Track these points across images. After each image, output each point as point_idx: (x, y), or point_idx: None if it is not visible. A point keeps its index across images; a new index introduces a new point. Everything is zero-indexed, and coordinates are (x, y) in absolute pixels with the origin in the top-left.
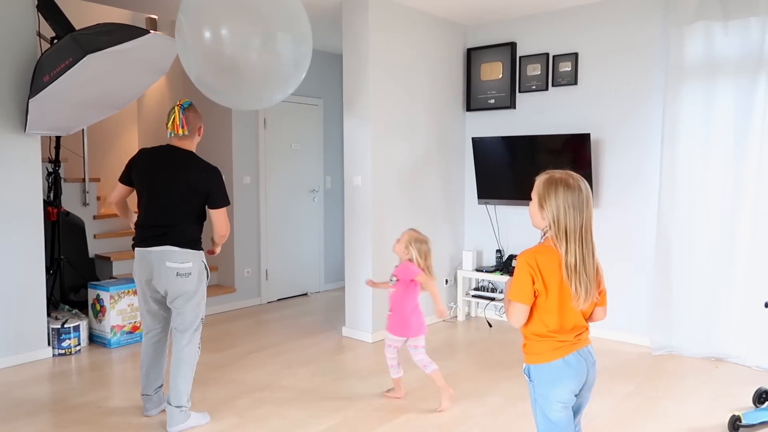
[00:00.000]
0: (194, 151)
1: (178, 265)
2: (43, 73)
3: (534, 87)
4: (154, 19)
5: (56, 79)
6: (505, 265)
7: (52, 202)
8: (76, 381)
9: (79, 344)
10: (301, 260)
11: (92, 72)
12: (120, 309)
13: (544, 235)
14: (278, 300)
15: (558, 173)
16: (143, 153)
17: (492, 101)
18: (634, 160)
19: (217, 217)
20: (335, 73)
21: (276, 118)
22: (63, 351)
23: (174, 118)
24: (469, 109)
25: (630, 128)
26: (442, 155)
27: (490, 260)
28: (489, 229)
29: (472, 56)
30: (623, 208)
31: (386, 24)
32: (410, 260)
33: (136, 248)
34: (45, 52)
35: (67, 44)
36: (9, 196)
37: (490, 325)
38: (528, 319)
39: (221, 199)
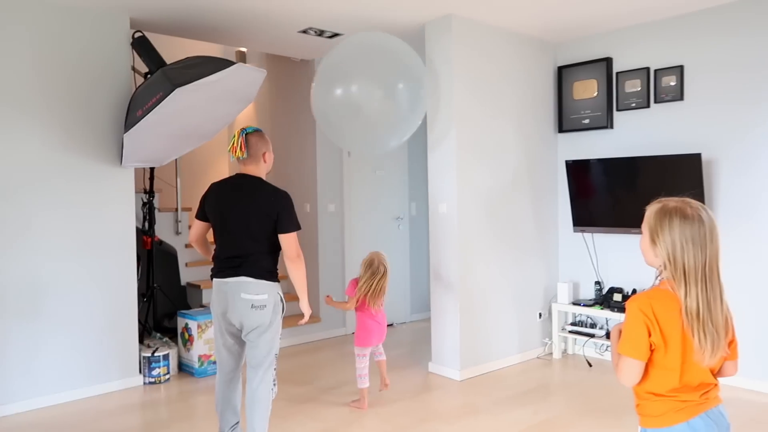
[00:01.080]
0: (263, 177)
1: (253, 297)
2: (136, 108)
3: (633, 104)
4: (243, 52)
5: (148, 113)
6: (605, 299)
7: (146, 231)
8: (163, 411)
9: (168, 373)
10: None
11: (181, 104)
12: (207, 338)
13: (659, 275)
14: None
15: (673, 201)
16: (213, 186)
17: (586, 121)
18: (754, 182)
19: (286, 242)
20: None
21: None
22: (153, 379)
23: (233, 142)
24: (561, 130)
25: (748, 146)
26: (532, 180)
27: (588, 293)
28: (586, 259)
29: (564, 74)
30: (744, 238)
31: (470, 45)
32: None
33: (213, 279)
34: (138, 87)
35: (157, 79)
36: (104, 226)
37: (590, 365)
38: (642, 377)
39: (290, 224)
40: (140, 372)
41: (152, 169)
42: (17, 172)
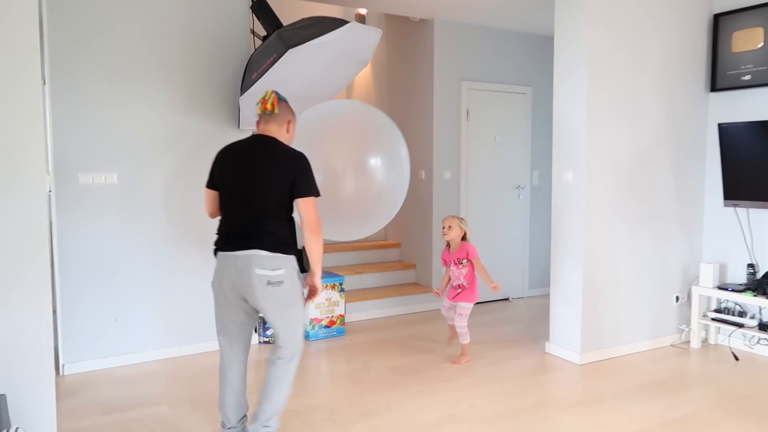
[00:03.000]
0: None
1: (268, 273)
2: (252, 71)
3: None
4: (363, 15)
5: (263, 75)
6: (760, 284)
7: None
8: None
9: None
10: (504, 262)
11: (295, 66)
12: (318, 302)
13: None
14: (477, 304)
15: None
16: (223, 150)
17: (747, 78)
18: None
19: (303, 207)
20: (546, 58)
21: (480, 109)
22: (267, 339)
23: (265, 97)
24: (714, 88)
25: None
26: (675, 146)
27: (738, 276)
28: (737, 237)
29: (721, 23)
30: None
31: None
32: (465, 240)
33: (218, 252)
34: (255, 50)
35: (272, 41)
36: None
37: (737, 358)
38: None
39: (307, 188)
40: (255, 331)
41: None
42: (146, 137)
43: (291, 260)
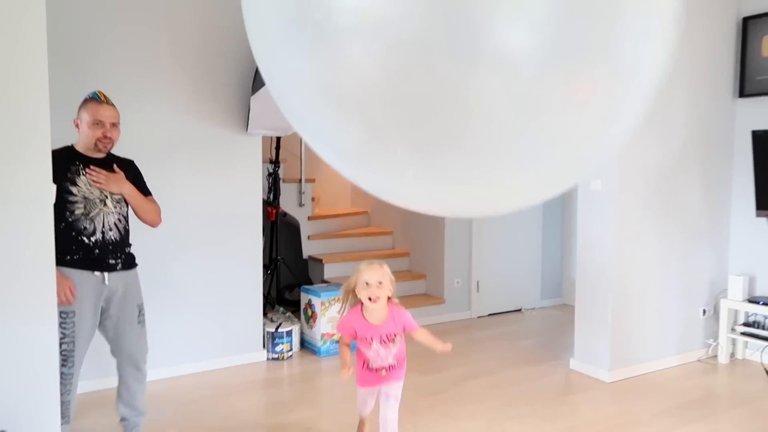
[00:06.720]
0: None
1: None
2: None
3: None
4: None
5: None
6: None
7: (271, 203)
8: (287, 392)
9: (291, 349)
10: (516, 272)
11: None
12: (330, 316)
13: None
14: (489, 315)
15: None
16: None
17: None
18: None
19: None
20: None
21: None
22: (276, 356)
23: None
24: (742, 94)
25: None
26: (703, 153)
27: None
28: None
29: (750, 27)
30: None
31: None
32: (393, 302)
33: None
34: None
35: None
36: (231, 195)
37: None
38: None
39: None
40: (264, 347)
41: (278, 139)
42: (150, 137)
43: None
